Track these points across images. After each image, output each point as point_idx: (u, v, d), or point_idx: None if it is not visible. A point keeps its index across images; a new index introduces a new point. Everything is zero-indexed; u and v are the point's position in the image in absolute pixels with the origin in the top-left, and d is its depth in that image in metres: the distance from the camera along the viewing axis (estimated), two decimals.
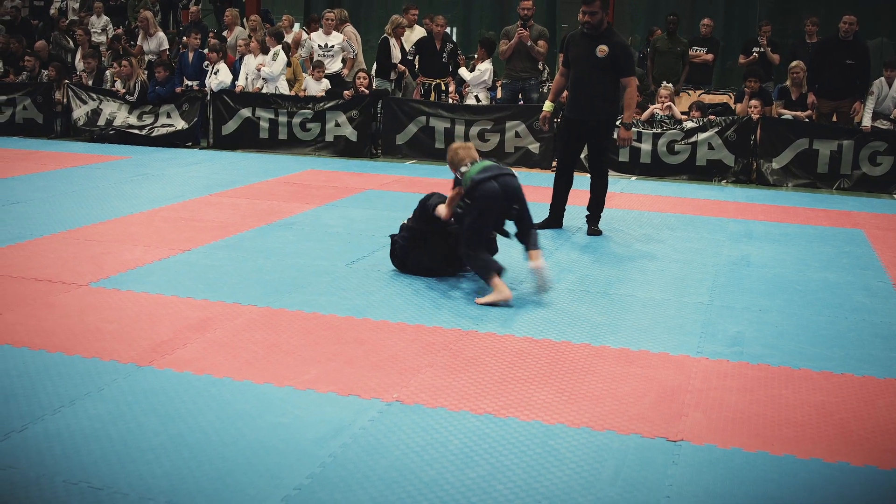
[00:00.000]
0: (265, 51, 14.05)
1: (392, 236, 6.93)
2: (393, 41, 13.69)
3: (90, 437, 3.91)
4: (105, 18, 17.52)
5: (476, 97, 13.54)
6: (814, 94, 12.41)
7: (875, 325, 5.93)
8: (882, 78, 12.18)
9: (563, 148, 8.74)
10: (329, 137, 13.55)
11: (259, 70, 13.94)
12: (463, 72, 13.70)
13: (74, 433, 3.94)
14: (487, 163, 6.50)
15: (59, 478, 3.55)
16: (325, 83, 13.75)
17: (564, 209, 8.68)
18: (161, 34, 15.66)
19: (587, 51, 8.29)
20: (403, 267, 6.82)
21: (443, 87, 13.83)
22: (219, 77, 13.91)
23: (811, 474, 3.80)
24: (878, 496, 3.67)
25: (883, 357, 5.31)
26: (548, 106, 8.79)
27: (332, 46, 14.01)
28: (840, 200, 11.12)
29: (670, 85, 13.30)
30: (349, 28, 14.86)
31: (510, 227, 6.53)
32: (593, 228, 8.51)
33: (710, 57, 15.16)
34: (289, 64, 14.15)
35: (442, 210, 6.61)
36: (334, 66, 14.07)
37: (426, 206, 6.78)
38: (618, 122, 8.78)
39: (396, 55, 13.88)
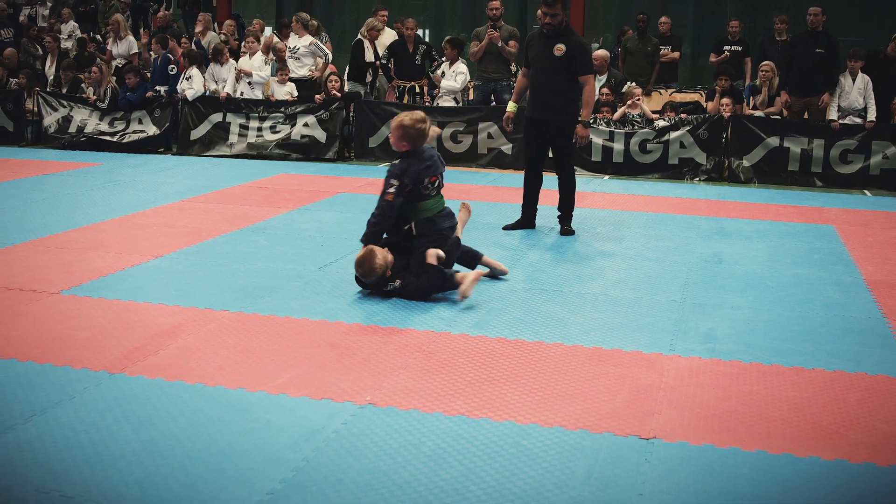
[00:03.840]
0: (232, 56, 14.03)
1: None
2: (367, 43, 13.68)
3: (62, 445, 3.88)
4: (72, 24, 17.42)
5: (446, 98, 13.53)
6: (786, 91, 12.48)
7: (846, 320, 5.97)
8: (847, 71, 12.26)
9: (528, 148, 8.73)
10: (301, 141, 13.53)
11: (245, 75, 13.90)
12: (444, 82, 13.59)
13: (46, 442, 3.92)
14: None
15: (30, 486, 3.53)
16: (291, 86, 13.71)
17: (536, 209, 8.68)
18: (131, 38, 15.61)
19: (545, 50, 8.32)
20: None
21: (417, 90, 13.81)
22: (193, 85, 13.83)
23: (783, 469, 3.82)
24: (849, 490, 3.69)
25: (853, 352, 5.34)
26: (511, 107, 8.84)
27: (298, 49, 13.93)
28: (811, 197, 11.19)
29: (634, 85, 13.29)
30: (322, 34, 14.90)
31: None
32: (566, 228, 8.52)
33: (675, 55, 15.26)
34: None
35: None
36: (305, 69, 14.00)
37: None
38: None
39: (370, 58, 13.85)
